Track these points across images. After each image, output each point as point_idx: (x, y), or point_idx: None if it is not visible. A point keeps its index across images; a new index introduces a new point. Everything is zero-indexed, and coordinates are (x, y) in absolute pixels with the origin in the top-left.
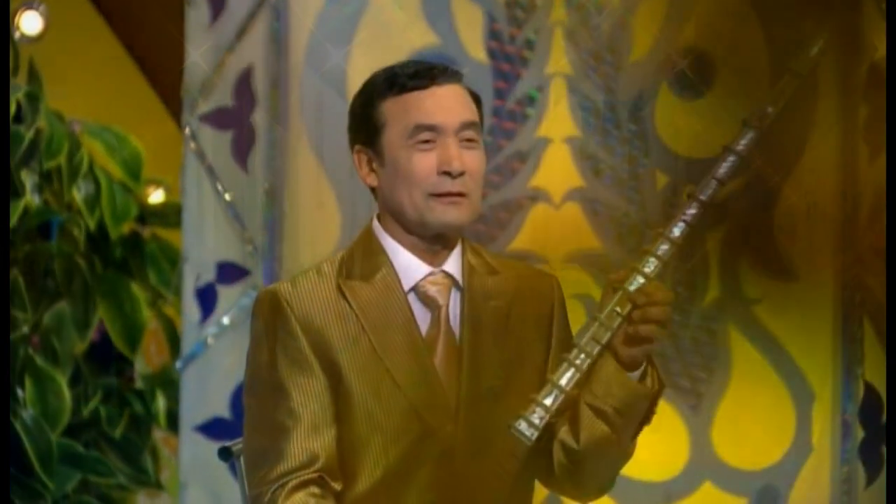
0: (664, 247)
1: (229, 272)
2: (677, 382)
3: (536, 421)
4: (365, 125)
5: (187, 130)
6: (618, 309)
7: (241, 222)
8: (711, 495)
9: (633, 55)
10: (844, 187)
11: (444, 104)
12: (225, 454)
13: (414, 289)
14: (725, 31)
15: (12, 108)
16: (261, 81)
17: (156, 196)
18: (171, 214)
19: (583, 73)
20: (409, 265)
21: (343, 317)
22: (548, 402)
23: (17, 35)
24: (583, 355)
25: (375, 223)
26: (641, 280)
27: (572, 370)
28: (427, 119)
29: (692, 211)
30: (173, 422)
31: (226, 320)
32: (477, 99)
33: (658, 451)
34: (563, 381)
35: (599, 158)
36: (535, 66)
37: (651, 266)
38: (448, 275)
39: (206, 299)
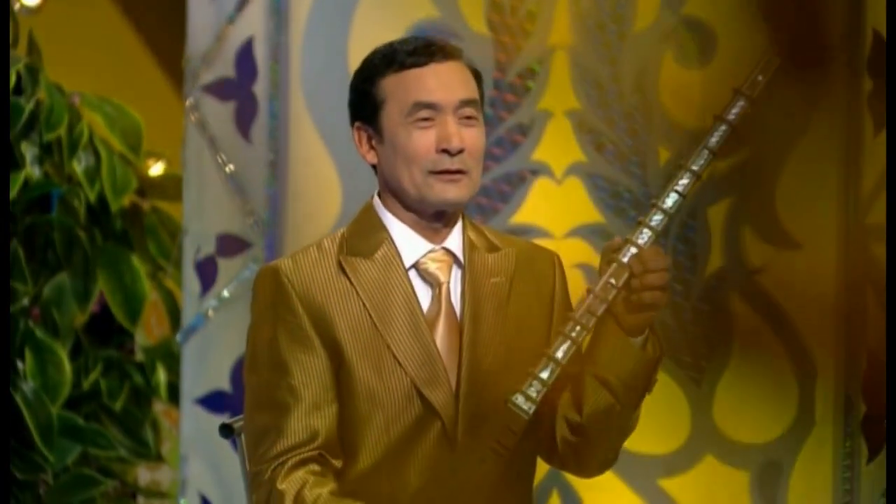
0: (657, 217)
1: (230, 244)
2: (679, 356)
3: (533, 394)
4: (364, 102)
5: (189, 102)
6: (612, 280)
7: (242, 194)
8: (713, 469)
9: (635, 26)
10: (848, 159)
11: (443, 82)
12: (226, 431)
13: (415, 266)
14: (728, 2)
15: (12, 80)
16: (261, 53)
17: (156, 168)
18: (171, 187)
19: (585, 45)
20: (410, 242)
21: (344, 293)
22: (544, 375)
23: (16, 6)
24: (578, 328)
25: (376, 200)
26: (635, 251)
27: (568, 343)
28: (426, 97)
29: (684, 181)
30: (174, 394)
31: (226, 293)
32: (477, 75)
33: (659, 424)
34: (559, 354)
35: (601, 132)
36: (537, 38)
37: (644, 237)
38: (449, 252)
39: (207, 272)
